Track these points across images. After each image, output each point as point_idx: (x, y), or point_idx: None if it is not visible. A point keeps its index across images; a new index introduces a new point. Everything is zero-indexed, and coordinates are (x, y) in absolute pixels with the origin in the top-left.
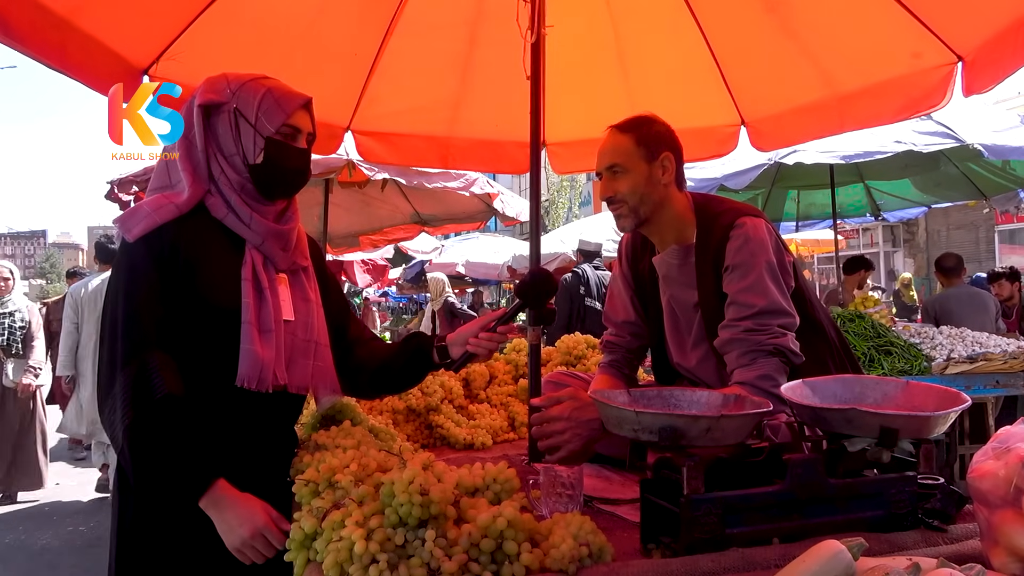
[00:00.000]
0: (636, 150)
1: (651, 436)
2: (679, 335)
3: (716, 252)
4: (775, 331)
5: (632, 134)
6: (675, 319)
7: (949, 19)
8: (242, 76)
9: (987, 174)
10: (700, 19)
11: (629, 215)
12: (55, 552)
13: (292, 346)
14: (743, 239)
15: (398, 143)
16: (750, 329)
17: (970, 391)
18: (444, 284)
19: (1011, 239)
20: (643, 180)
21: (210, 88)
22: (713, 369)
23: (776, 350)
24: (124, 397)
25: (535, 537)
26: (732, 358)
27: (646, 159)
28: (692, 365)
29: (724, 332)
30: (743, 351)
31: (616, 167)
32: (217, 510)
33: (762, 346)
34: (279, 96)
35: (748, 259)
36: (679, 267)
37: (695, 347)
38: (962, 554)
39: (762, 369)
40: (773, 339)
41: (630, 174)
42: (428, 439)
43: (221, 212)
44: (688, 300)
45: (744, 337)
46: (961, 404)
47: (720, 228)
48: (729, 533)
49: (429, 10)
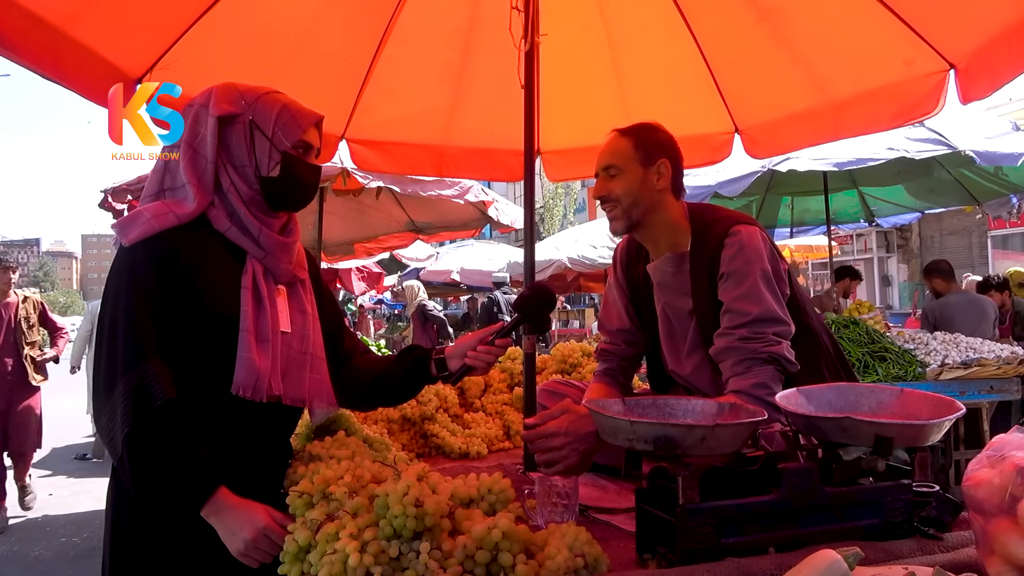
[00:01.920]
0: (633, 153)
1: (646, 446)
2: (674, 343)
3: (711, 260)
4: (770, 339)
5: (632, 138)
6: (670, 327)
7: (940, 27)
8: (255, 89)
9: (980, 180)
10: (693, 27)
11: (621, 216)
12: (48, 563)
13: (288, 358)
14: (738, 247)
15: (393, 152)
16: (745, 337)
17: (964, 397)
18: (418, 289)
19: (1004, 244)
20: (637, 183)
21: (224, 99)
22: (708, 377)
23: (771, 358)
24: (124, 405)
25: (530, 548)
26: (727, 366)
27: (642, 163)
28: (687, 373)
29: (719, 340)
30: (738, 359)
31: (612, 168)
32: (218, 517)
33: (757, 354)
34: (296, 112)
35: (743, 267)
36: (673, 275)
37: (690, 355)
38: (958, 562)
39: (757, 377)
40: (768, 347)
41: (625, 175)
42: (423, 448)
43: (224, 225)
44: (683, 308)
45: (739, 345)
46: (956, 412)
47: (715, 236)
48: (725, 543)
49: (423, 19)
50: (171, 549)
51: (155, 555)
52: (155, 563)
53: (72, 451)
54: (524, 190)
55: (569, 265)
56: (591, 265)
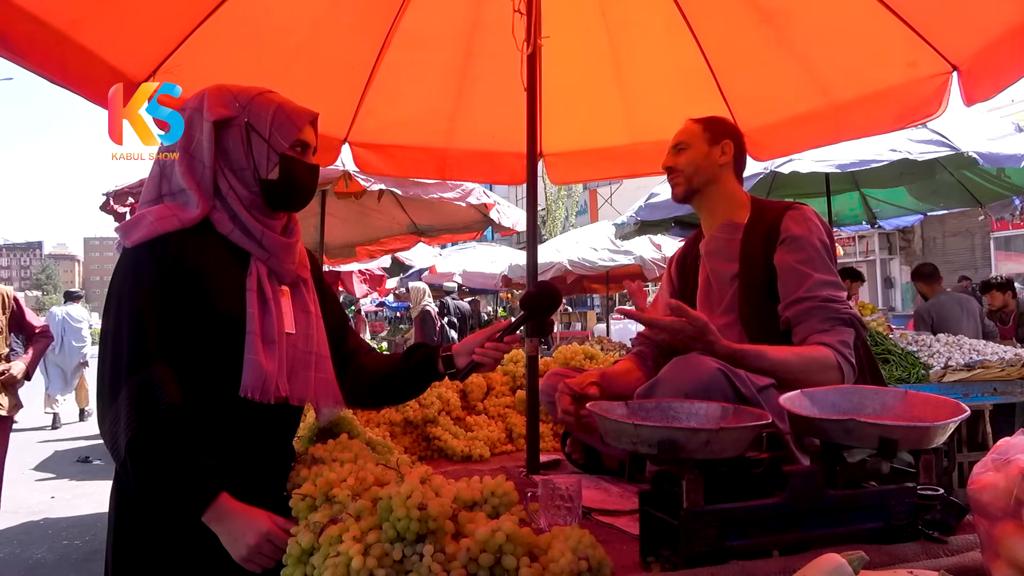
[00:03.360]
0: (702, 133)
1: (650, 449)
2: (709, 304)
3: (770, 228)
4: (847, 303)
5: (702, 122)
6: (709, 290)
7: (942, 29)
8: (248, 90)
9: (983, 182)
10: (696, 29)
11: (683, 183)
12: (50, 566)
13: (293, 358)
14: (801, 218)
15: (395, 155)
16: (828, 299)
17: (968, 399)
18: (424, 293)
19: (1007, 246)
20: (701, 156)
21: (218, 102)
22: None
23: (852, 320)
24: (128, 409)
25: (534, 551)
26: (810, 325)
27: (708, 142)
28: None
29: (800, 304)
30: (823, 317)
31: (681, 144)
32: (220, 523)
33: (840, 314)
34: (291, 112)
35: (806, 234)
36: (726, 241)
37: (723, 315)
38: (963, 566)
39: (842, 335)
40: (849, 310)
41: (691, 150)
42: (425, 451)
43: (227, 228)
44: (727, 271)
45: (823, 305)
46: (960, 414)
47: (776, 210)
48: (729, 546)
49: (425, 23)
50: (174, 553)
51: (158, 559)
52: (158, 567)
53: (74, 454)
54: (527, 193)
55: (570, 268)
56: (592, 268)
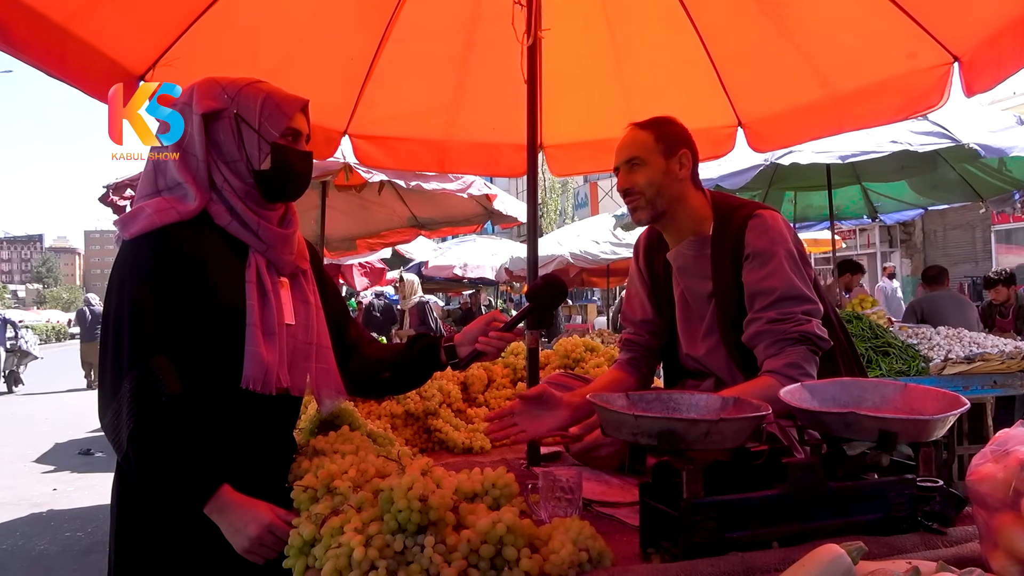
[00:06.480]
0: (655, 145)
1: (650, 440)
2: (690, 325)
3: (735, 242)
4: (799, 318)
5: (652, 130)
6: (687, 310)
7: (944, 19)
8: (236, 81)
9: (984, 176)
10: (696, 20)
11: (646, 207)
12: (53, 558)
13: (293, 349)
14: (762, 228)
15: (395, 147)
16: (774, 319)
17: (968, 391)
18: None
19: (1008, 239)
20: (660, 173)
21: (206, 94)
22: (722, 359)
23: (802, 337)
24: (129, 402)
25: (534, 542)
26: (760, 350)
27: (664, 154)
28: (701, 355)
29: (750, 327)
30: (770, 342)
31: (635, 160)
32: (221, 515)
33: (787, 335)
34: (280, 100)
35: (768, 247)
36: (695, 258)
37: (705, 337)
38: (962, 557)
39: (789, 357)
40: (798, 327)
41: (648, 167)
42: (426, 443)
43: (224, 220)
44: (702, 291)
45: (769, 328)
46: (960, 407)
47: (738, 219)
48: (729, 537)
49: (425, 14)
50: (177, 544)
51: (161, 550)
52: (161, 558)
53: (76, 446)
54: (527, 185)
55: (571, 260)
56: (593, 260)
